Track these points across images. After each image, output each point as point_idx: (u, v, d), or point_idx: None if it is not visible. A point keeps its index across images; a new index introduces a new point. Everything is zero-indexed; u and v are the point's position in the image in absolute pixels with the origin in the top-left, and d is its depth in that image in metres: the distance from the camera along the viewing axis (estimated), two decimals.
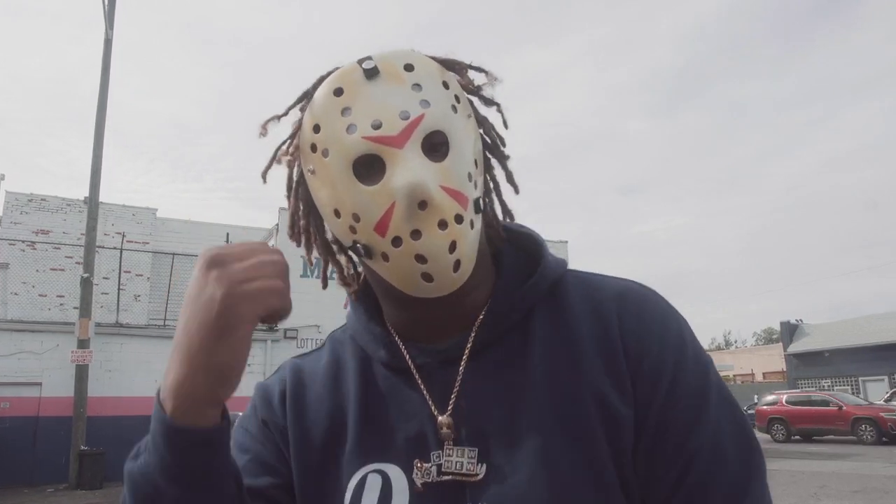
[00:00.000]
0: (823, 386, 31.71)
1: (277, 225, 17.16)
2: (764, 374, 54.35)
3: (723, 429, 0.63)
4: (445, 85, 0.66)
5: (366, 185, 0.62)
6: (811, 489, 10.65)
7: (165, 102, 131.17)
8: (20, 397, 13.57)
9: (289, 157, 0.71)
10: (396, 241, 0.62)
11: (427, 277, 0.62)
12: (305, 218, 0.73)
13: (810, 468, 13.46)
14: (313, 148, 0.65)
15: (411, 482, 0.64)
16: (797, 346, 33.18)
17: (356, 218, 0.63)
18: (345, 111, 0.63)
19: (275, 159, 0.72)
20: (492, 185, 0.75)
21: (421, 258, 0.61)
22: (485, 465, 0.63)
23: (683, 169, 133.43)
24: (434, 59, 0.69)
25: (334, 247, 0.75)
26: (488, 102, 0.72)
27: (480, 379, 0.67)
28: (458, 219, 0.62)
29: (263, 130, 0.70)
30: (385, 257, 0.63)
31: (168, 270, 16.77)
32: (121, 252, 16.51)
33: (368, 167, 0.62)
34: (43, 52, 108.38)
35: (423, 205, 0.60)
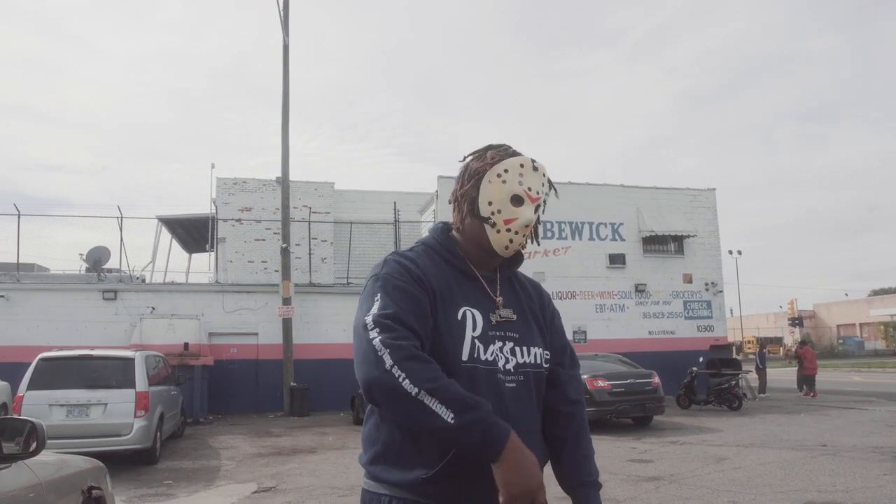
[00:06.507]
0: None
1: (437, 192, 19.04)
2: None
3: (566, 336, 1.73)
4: (547, 185, 1.54)
5: (513, 206, 1.47)
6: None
7: (326, 69, 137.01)
8: (243, 344, 16.88)
9: (479, 164, 1.52)
10: (509, 230, 1.47)
11: (505, 248, 1.49)
12: (465, 191, 1.53)
13: None
14: (499, 175, 1.48)
15: (486, 318, 1.46)
16: None
17: (499, 211, 1.47)
18: (521, 175, 1.48)
19: (472, 155, 1.57)
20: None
21: (510, 241, 1.48)
22: (515, 316, 1.53)
23: (882, 86, 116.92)
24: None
25: (471, 210, 1.52)
26: (553, 189, 1.60)
27: (505, 288, 1.58)
28: (526, 238, 1.52)
29: (462, 159, 1.58)
30: (498, 231, 1.47)
31: (347, 236, 19.23)
32: (309, 224, 19.21)
33: (517, 200, 1.47)
34: (218, 32, 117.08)
35: (525, 227, 1.48)
